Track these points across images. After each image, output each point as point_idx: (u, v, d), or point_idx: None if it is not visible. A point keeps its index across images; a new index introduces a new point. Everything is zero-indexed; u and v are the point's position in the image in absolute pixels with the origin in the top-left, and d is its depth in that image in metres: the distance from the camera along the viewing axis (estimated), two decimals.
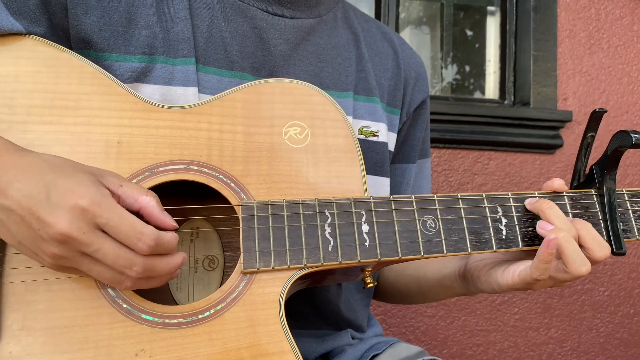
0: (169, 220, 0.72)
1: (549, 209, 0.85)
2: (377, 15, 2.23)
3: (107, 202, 0.68)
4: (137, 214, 0.70)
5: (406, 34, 2.36)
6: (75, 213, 0.66)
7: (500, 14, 2.35)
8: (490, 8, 2.39)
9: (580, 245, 0.85)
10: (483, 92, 2.38)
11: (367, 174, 1.01)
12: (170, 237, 0.71)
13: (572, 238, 0.83)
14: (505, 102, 2.29)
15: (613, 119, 2.24)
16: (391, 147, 1.11)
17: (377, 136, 1.06)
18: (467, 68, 2.39)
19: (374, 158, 1.06)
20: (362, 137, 1.04)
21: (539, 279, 0.84)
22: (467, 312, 2.11)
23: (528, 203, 0.88)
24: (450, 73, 2.38)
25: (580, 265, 0.82)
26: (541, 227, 0.85)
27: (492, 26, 2.39)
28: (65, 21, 0.86)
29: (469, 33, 2.41)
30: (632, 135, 0.85)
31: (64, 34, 0.87)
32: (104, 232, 0.68)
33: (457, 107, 2.10)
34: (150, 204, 0.71)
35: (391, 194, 1.14)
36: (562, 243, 0.82)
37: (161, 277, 0.73)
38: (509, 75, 2.29)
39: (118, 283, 0.70)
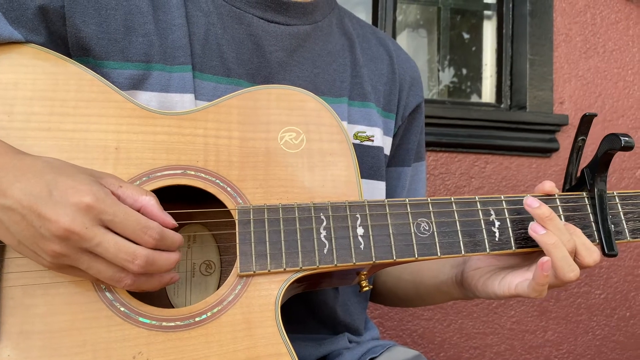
0: (169, 219, 0.73)
1: (550, 220, 0.85)
2: (375, 18, 2.24)
3: (110, 199, 0.69)
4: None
5: (403, 38, 2.37)
6: (80, 209, 0.67)
7: (496, 18, 2.37)
8: (487, 12, 2.40)
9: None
10: (480, 96, 2.39)
11: (362, 177, 1.02)
12: (174, 234, 0.73)
13: (561, 244, 0.84)
14: (502, 105, 2.30)
15: (609, 122, 2.25)
16: (387, 151, 1.12)
17: (372, 141, 1.07)
18: (464, 71, 2.40)
19: (369, 162, 1.06)
20: (357, 142, 1.05)
21: (537, 297, 0.86)
22: (464, 315, 2.11)
23: (529, 205, 0.87)
24: (447, 76, 2.39)
25: (568, 271, 0.84)
26: (533, 230, 0.86)
27: (489, 30, 2.40)
28: (63, 29, 0.87)
29: (466, 37, 2.43)
30: (622, 138, 0.86)
31: (62, 42, 0.88)
32: (106, 228, 0.69)
33: (454, 111, 2.10)
34: (150, 203, 0.72)
35: (387, 197, 1.15)
36: (551, 249, 0.83)
37: (158, 278, 0.74)
38: (505, 79, 2.30)
39: (117, 281, 0.71)
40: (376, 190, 1.08)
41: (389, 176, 1.18)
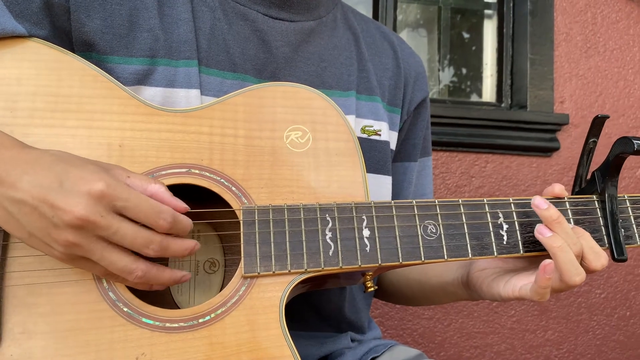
0: (180, 204, 0.73)
1: (557, 224, 0.84)
2: (375, 17, 2.23)
3: (122, 185, 0.69)
4: None
5: (403, 37, 2.36)
6: (92, 197, 0.66)
7: (497, 18, 2.36)
8: (487, 11, 2.39)
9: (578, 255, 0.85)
10: (480, 95, 2.38)
11: (369, 172, 1.02)
12: (185, 218, 0.73)
13: (567, 247, 0.83)
14: (502, 105, 2.29)
15: (609, 121, 2.25)
16: (393, 145, 1.12)
17: (379, 135, 1.07)
18: (464, 71, 2.39)
19: (377, 157, 1.06)
20: (365, 136, 1.05)
21: (540, 301, 0.85)
22: (465, 315, 2.11)
23: (537, 206, 0.86)
24: (447, 76, 2.38)
25: (574, 275, 0.83)
26: (539, 232, 0.85)
27: (489, 29, 2.39)
28: (67, 24, 0.86)
29: (466, 36, 2.42)
30: (635, 142, 0.85)
31: (66, 36, 0.87)
32: (119, 215, 0.69)
33: (454, 110, 2.10)
34: (160, 190, 0.72)
35: (393, 192, 1.15)
36: (557, 252, 0.82)
37: (169, 273, 0.74)
38: (505, 79, 2.30)
39: (129, 272, 0.70)
40: (383, 185, 1.08)
41: (395, 171, 1.17)
